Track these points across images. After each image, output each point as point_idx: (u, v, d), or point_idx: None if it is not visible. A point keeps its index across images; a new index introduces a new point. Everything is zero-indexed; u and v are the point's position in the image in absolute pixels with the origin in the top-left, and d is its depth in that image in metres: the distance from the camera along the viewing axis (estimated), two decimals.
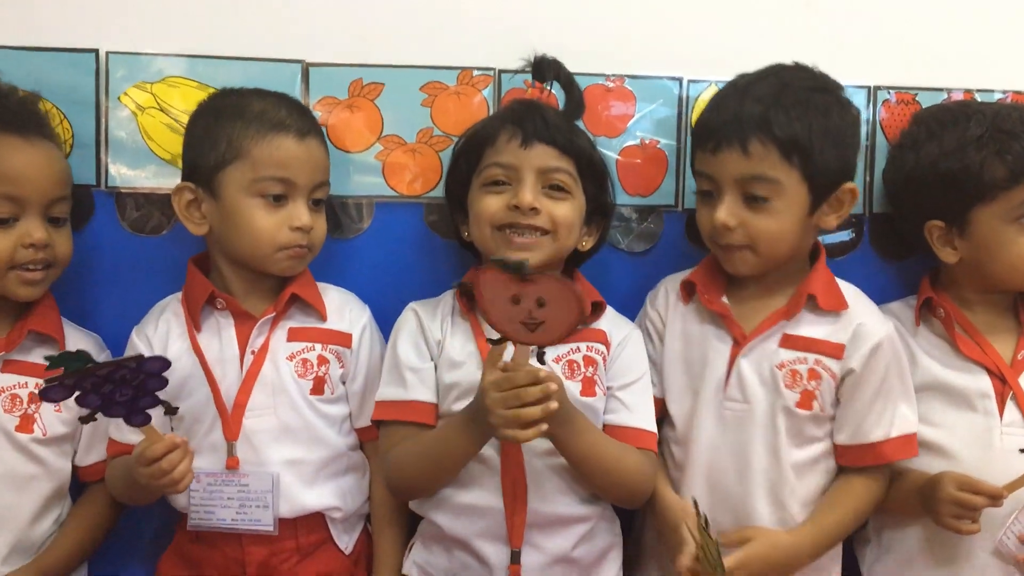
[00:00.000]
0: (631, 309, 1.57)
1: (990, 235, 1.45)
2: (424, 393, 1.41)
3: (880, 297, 1.55)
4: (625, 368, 1.44)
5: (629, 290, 1.60)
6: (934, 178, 1.47)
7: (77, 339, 1.47)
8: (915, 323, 1.51)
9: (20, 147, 1.40)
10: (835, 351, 1.41)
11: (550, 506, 1.37)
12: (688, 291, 1.49)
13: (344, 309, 1.49)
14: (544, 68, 1.46)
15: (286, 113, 1.41)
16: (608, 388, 1.43)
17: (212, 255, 1.47)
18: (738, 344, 1.44)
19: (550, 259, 1.42)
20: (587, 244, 1.48)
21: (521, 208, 1.38)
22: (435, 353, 1.43)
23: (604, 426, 1.42)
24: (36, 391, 1.34)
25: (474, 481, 1.37)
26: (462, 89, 1.57)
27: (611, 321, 1.47)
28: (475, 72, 1.56)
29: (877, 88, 1.62)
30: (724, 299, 1.47)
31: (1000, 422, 1.44)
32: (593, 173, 1.45)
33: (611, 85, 1.59)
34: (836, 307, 1.43)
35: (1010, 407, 1.45)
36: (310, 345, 1.45)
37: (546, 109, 1.43)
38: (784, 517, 1.41)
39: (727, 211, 1.40)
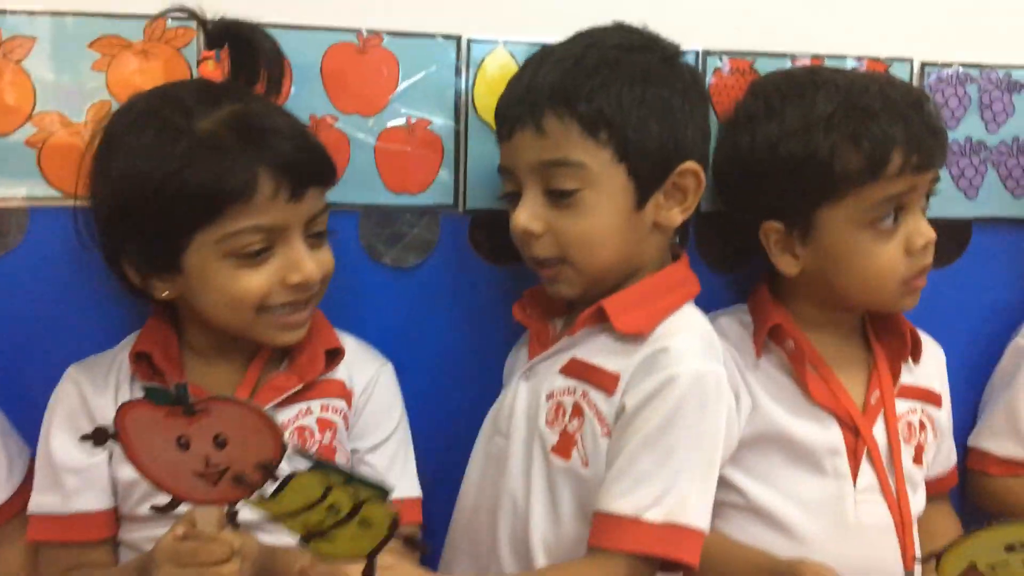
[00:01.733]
0: (398, 339, 1.21)
1: (839, 242, 1.13)
2: (90, 501, 1.03)
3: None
4: (373, 423, 1.11)
5: (395, 314, 1.23)
6: (772, 167, 1.13)
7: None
8: (756, 354, 1.18)
9: None
10: (607, 382, 1.03)
11: None
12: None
13: None
14: (216, 34, 1.05)
15: None
16: (354, 452, 1.09)
17: None
18: (528, 362, 1.13)
19: None
20: None
21: (307, 285, 1.00)
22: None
23: None
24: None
25: None
26: (151, 47, 1.12)
27: (352, 364, 1.11)
28: (170, 22, 1.11)
29: (707, 53, 1.28)
30: (558, 321, 1.14)
31: (853, 488, 1.14)
32: (332, 185, 1.09)
33: (364, 46, 1.18)
34: (633, 329, 1.04)
35: (865, 468, 1.15)
36: None
37: (279, 117, 1.01)
38: None
39: (528, 212, 1.06)
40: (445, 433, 1.21)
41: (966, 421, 1.39)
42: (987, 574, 0.98)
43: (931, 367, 1.25)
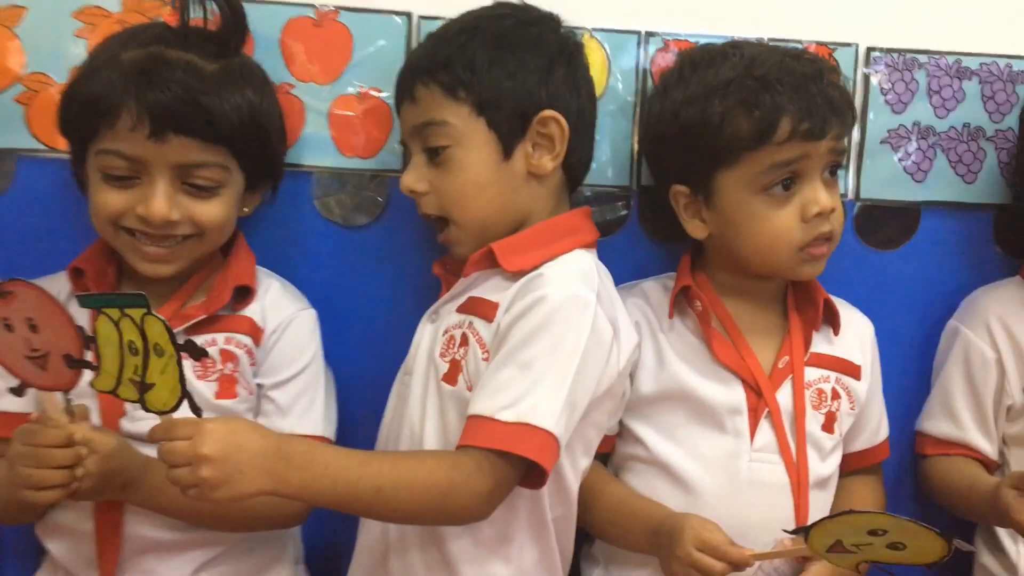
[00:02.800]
0: (340, 292, 1.32)
1: (735, 206, 1.18)
2: (12, 403, 1.10)
3: None
4: (281, 360, 1.19)
5: (341, 269, 1.33)
6: (675, 131, 1.20)
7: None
8: (668, 314, 1.24)
9: None
10: (488, 311, 1.10)
11: (152, 529, 1.13)
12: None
13: None
14: None
15: None
16: (260, 387, 1.19)
17: None
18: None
19: (200, 259, 1.17)
20: (248, 210, 1.22)
21: (151, 220, 1.10)
22: None
23: None
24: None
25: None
26: (129, 17, 1.25)
27: (269, 304, 1.21)
28: None
29: (649, 34, 1.34)
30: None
31: (750, 446, 1.19)
32: (253, 146, 1.16)
33: (320, 19, 1.28)
34: (518, 267, 1.11)
35: (763, 428, 1.19)
36: None
37: (182, 68, 1.09)
38: (435, 539, 1.10)
39: (413, 174, 1.18)
40: (381, 384, 1.28)
41: (912, 403, 1.41)
42: (851, 551, 1.03)
43: (853, 339, 1.28)
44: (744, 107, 1.15)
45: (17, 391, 0.98)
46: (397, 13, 1.29)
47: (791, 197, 1.17)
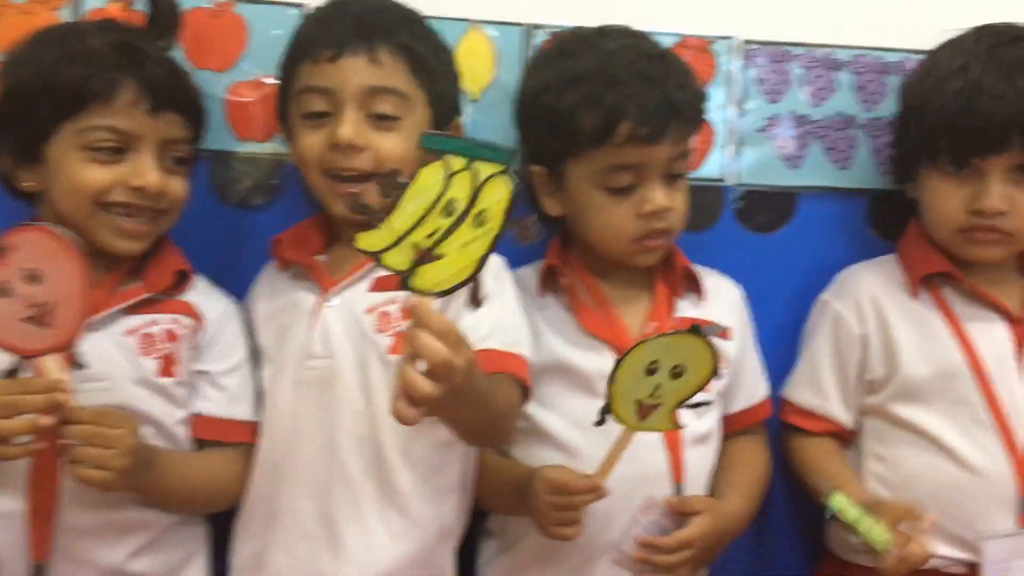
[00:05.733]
0: (243, 275, 1.35)
1: (580, 195, 1.26)
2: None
3: None
4: (227, 348, 1.25)
5: (240, 253, 1.38)
6: (534, 114, 1.27)
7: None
8: (538, 292, 1.30)
9: None
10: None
11: (93, 510, 1.14)
12: (279, 255, 1.28)
13: None
14: None
15: None
16: (206, 373, 1.23)
17: None
18: (325, 293, 1.23)
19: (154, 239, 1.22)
20: None
21: (147, 191, 1.16)
22: None
23: (197, 416, 1.22)
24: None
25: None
26: (31, 7, 1.31)
27: (203, 296, 1.26)
28: None
29: (535, 26, 1.41)
30: (321, 257, 1.27)
31: None
32: (202, 127, 1.26)
33: (218, 10, 1.35)
34: None
35: None
36: None
37: (159, 52, 1.19)
38: (390, 491, 1.17)
39: (353, 128, 1.18)
40: None
41: (785, 375, 1.44)
42: (656, 403, 1.09)
43: (721, 303, 1.34)
44: (590, 103, 1.20)
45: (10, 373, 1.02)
46: (291, 4, 1.36)
47: (630, 194, 1.23)
